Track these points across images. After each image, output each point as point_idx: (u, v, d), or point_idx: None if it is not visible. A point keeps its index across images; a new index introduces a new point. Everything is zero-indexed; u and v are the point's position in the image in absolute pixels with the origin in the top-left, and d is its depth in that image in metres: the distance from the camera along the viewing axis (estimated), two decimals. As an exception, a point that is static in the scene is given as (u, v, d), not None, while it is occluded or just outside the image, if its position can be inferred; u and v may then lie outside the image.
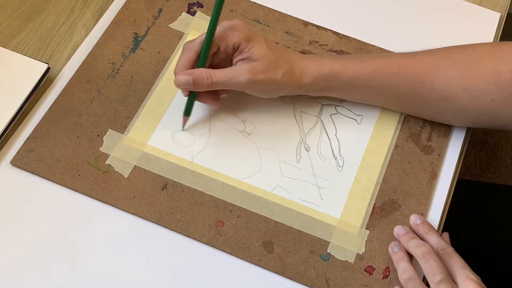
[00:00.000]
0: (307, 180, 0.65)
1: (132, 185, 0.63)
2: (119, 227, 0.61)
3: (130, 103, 0.68)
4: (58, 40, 0.72)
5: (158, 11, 0.74)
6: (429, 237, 0.61)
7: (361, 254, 0.61)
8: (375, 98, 0.67)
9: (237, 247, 0.61)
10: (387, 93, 0.65)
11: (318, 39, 0.74)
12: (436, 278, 0.56)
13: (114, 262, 0.60)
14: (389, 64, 0.64)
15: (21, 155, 0.64)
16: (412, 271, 0.57)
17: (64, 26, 0.73)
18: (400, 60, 0.64)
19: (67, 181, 0.63)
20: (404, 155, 0.67)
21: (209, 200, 0.63)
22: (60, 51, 0.72)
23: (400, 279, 0.58)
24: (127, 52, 0.71)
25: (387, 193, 0.65)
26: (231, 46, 0.62)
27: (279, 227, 0.62)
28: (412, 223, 0.63)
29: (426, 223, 0.62)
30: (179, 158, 0.65)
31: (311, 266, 0.60)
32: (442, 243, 0.60)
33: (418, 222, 0.62)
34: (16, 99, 0.65)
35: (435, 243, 0.60)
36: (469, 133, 0.70)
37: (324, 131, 0.68)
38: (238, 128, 0.67)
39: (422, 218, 0.62)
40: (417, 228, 0.62)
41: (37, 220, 0.61)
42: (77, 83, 0.68)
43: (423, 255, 0.57)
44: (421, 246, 0.58)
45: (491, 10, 0.78)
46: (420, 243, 0.59)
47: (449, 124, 0.68)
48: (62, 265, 0.59)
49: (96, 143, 0.65)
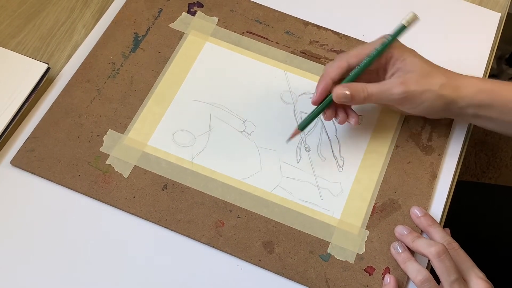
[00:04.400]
0: (307, 180, 0.65)
1: (132, 185, 0.63)
2: (119, 227, 0.61)
3: (130, 103, 0.68)
4: (58, 40, 0.72)
5: (158, 11, 0.74)
6: (433, 230, 0.60)
7: (361, 254, 0.61)
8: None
9: (237, 247, 0.61)
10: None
11: (319, 39, 0.73)
12: (451, 277, 0.55)
13: (114, 262, 0.59)
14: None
15: (21, 155, 0.64)
16: (426, 272, 0.57)
17: (64, 26, 0.73)
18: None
19: (67, 181, 0.63)
20: (404, 155, 0.67)
21: (209, 200, 0.63)
22: (60, 51, 0.72)
23: (415, 281, 0.57)
24: (127, 52, 0.71)
25: (387, 193, 0.65)
26: (384, 58, 0.62)
27: (279, 227, 0.62)
28: (413, 216, 0.62)
29: (428, 216, 0.61)
30: (179, 158, 0.65)
31: (311, 267, 0.60)
32: (447, 237, 0.59)
33: (419, 214, 0.62)
34: (16, 99, 0.65)
35: (439, 237, 0.59)
36: (469, 133, 0.70)
37: (324, 131, 0.68)
38: (238, 128, 0.67)
39: (423, 210, 0.62)
40: (419, 221, 0.62)
41: (37, 220, 0.61)
42: (77, 83, 0.68)
43: (438, 254, 0.56)
44: (434, 245, 0.57)
45: (491, 10, 0.78)
46: (431, 242, 0.58)
47: None
48: (61, 265, 0.59)
49: (96, 143, 0.65)
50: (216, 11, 0.74)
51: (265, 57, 0.72)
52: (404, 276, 0.60)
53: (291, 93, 0.70)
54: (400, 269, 0.60)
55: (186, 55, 0.71)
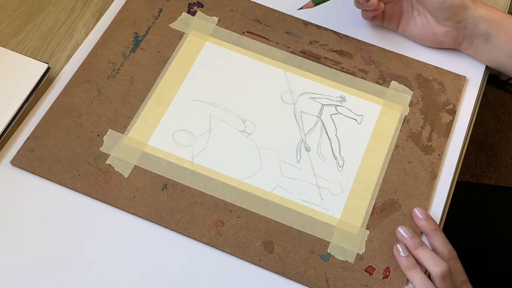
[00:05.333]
0: (307, 180, 0.65)
1: (132, 185, 0.63)
2: (119, 227, 0.61)
3: (130, 103, 0.68)
4: (58, 40, 0.72)
5: (158, 11, 0.74)
6: (435, 236, 0.60)
7: (361, 254, 0.61)
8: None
9: (237, 247, 0.61)
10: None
11: (319, 39, 0.73)
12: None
13: (114, 262, 0.59)
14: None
15: (21, 155, 0.64)
16: (430, 284, 0.57)
17: (64, 26, 0.73)
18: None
19: (67, 181, 0.63)
20: (404, 155, 0.67)
21: (209, 200, 0.63)
22: (60, 51, 0.72)
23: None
24: (127, 52, 0.71)
25: (387, 193, 0.65)
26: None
27: (279, 227, 0.62)
28: (415, 218, 0.62)
29: (431, 220, 0.61)
30: (179, 158, 0.65)
31: (311, 266, 0.60)
32: (448, 245, 0.59)
33: (422, 217, 0.62)
34: (16, 99, 0.65)
35: (441, 244, 0.59)
36: (469, 133, 0.70)
37: (325, 131, 0.68)
38: (238, 128, 0.67)
39: (425, 213, 0.62)
40: (421, 224, 0.61)
41: (37, 220, 0.61)
42: (77, 83, 0.68)
43: (443, 276, 0.57)
44: (439, 265, 0.57)
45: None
46: (436, 259, 0.58)
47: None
48: (62, 265, 0.59)
49: (96, 143, 0.65)
50: (216, 11, 0.74)
51: (265, 57, 0.72)
52: (404, 277, 0.60)
53: (291, 93, 0.70)
54: (400, 269, 0.60)
55: (186, 55, 0.71)
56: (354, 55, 0.73)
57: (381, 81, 0.71)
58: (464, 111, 0.71)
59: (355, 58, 0.72)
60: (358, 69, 0.72)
